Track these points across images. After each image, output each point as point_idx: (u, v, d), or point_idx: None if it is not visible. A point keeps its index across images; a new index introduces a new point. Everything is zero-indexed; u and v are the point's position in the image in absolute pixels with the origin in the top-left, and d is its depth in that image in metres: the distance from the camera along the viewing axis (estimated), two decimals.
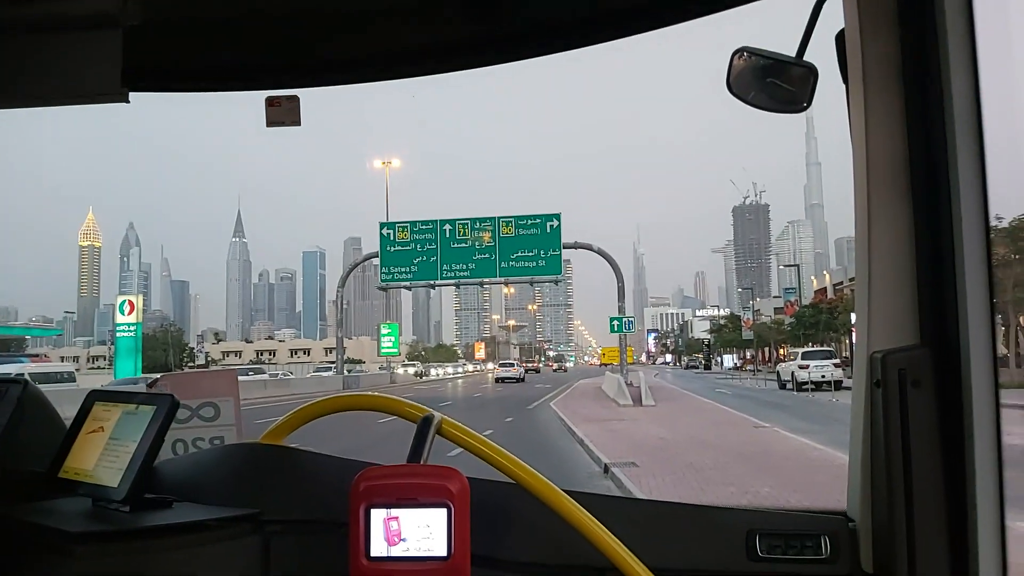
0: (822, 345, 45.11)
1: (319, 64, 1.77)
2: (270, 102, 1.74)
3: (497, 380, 51.12)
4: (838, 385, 30.95)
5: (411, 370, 62.78)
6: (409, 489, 1.06)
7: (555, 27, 1.61)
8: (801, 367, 33.65)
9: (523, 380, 51.63)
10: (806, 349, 39.81)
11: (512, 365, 58.38)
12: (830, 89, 1.43)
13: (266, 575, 1.30)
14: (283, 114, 1.72)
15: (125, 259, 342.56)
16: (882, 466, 1.23)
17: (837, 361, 34.80)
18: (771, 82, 1.35)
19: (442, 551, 1.04)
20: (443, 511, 1.04)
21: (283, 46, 1.75)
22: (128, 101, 1.63)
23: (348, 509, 1.06)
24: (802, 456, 12.98)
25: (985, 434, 1.14)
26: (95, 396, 1.38)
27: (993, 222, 1.20)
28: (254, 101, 1.74)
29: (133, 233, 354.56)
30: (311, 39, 1.73)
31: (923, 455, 1.20)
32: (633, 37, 1.57)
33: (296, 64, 1.76)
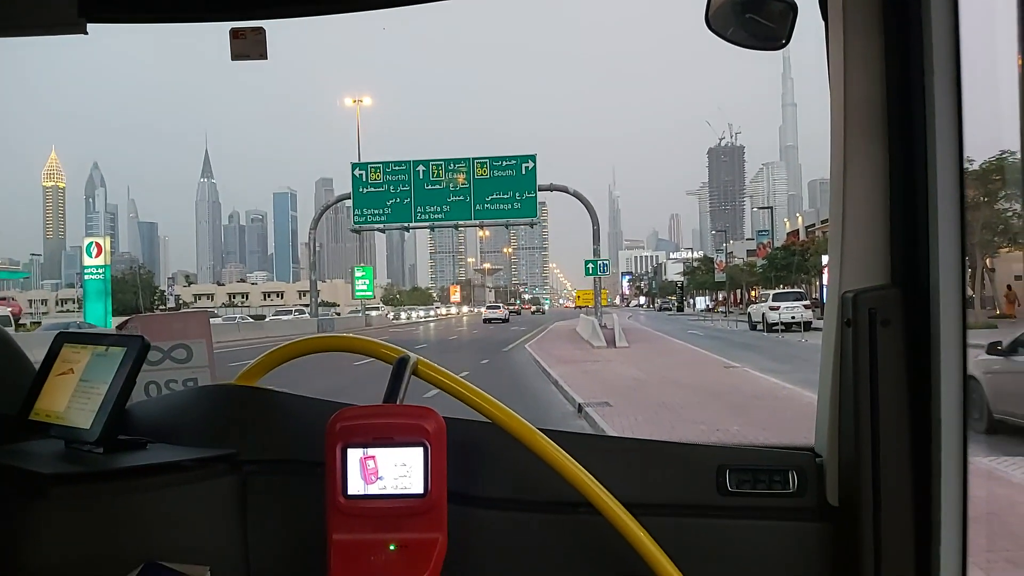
0: (793, 287, 45.76)
1: None
2: (235, 34, 1.67)
3: (485, 320, 58.59)
4: (808, 326, 31.49)
5: (372, 313, 62.76)
6: (385, 428, 1.06)
7: None
8: (772, 308, 34.12)
9: (508, 320, 58.38)
10: (777, 291, 40.37)
11: (499, 307, 68.53)
12: (808, 27, 1.41)
13: (243, 515, 1.31)
14: (248, 47, 1.66)
15: (91, 200, 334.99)
16: (850, 403, 1.25)
17: (807, 303, 35.32)
18: (750, 18, 1.33)
19: (419, 488, 1.05)
20: (419, 450, 1.05)
21: None
22: (86, 32, 1.57)
23: (324, 449, 1.06)
24: (771, 395, 13.29)
25: (951, 373, 1.17)
26: (64, 338, 1.36)
27: (964, 165, 1.20)
28: (218, 33, 1.67)
29: (98, 173, 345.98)
30: None
31: (890, 393, 1.22)
32: None
33: None
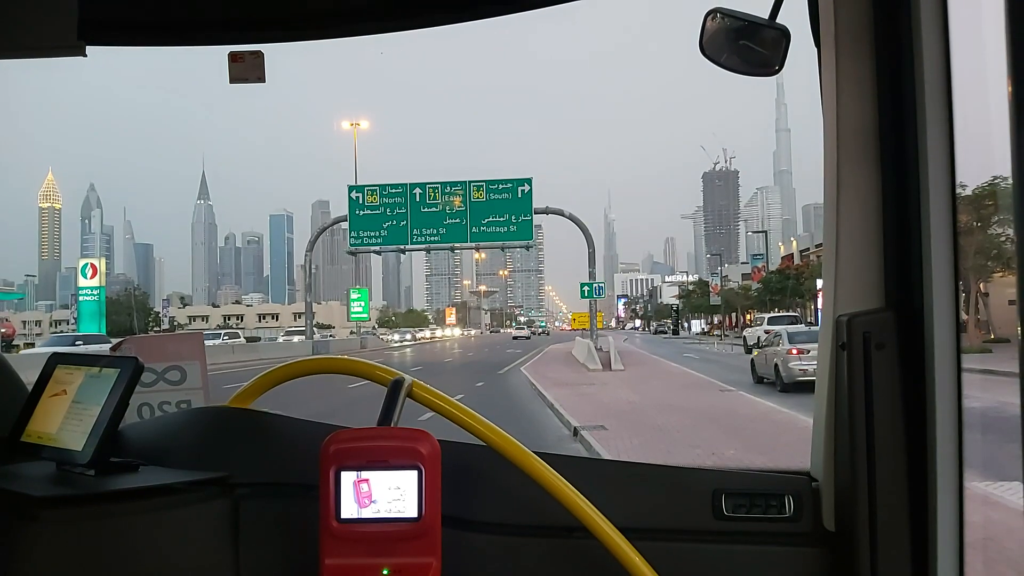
0: (788, 310, 45.82)
1: (284, 18, 1.71)
2: (233, 57, 1.68)
3: (514, 338, 76.42)
4: None
5: (367, 335, 62.57)
6: (379, 451, 1.05)
7: None
8: (767, 332, 34.12)
9: (530, 338, 77.01)
10: (772, 314, 40.42)
11: (524, 328, 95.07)
12: (801, 53, 1.42)
13: (235, 538, 1.30)
14: (247, 70, 1.67)
15: (87, 221, 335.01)
16: (846, 427, 1.25)
17: (802, 326, 35.33)
18: (743, 44, 1.34)
19: (413, 512, 1.04)
20: (413, 473, 1.05)
21: None
22: (85, 55, 1.58)
23: (318, 472, 1.05)
24: (767, 419, 13.24)
25: (947, 397, 1.17)
26: (57, 359, 1.35)
27: (957, 190, 1.21)
28: (217, 56, 1.69)
29: (94, 195, 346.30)
30: None
31: (886, 416, 1.22)
32: None
33: (260, 17, 1.70)
